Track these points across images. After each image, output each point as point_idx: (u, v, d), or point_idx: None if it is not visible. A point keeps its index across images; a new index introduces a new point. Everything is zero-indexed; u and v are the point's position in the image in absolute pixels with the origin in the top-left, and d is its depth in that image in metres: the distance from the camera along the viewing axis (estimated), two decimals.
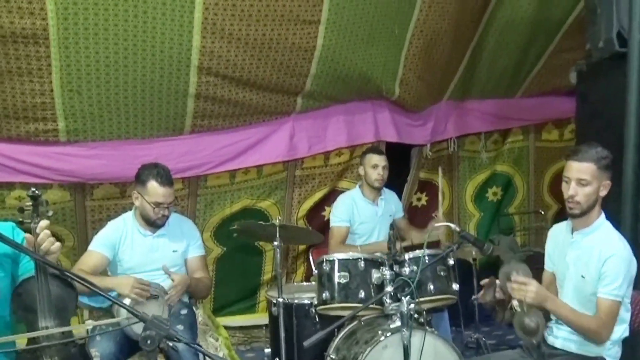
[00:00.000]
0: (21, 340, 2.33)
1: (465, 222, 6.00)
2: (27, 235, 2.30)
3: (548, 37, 5.37)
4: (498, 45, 5.31)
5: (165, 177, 3.55)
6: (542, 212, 5.88)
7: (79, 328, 2.23)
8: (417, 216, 5.74)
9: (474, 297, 4.09)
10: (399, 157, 5.47)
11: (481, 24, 5.14)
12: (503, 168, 6.15)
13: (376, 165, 4.52)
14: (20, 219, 2.39)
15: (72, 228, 4.47)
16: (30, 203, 2.38)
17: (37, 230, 2.27)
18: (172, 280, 3.47)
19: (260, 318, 5.18)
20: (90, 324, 2.27)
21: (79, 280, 2.04)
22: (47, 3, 3.51)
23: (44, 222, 2.31)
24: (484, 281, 2.87)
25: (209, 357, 1.98)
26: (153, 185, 3.51)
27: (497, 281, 2.79)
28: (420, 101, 5.29)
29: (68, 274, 2.13)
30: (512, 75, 5.68)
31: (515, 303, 2.71)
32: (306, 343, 2.51)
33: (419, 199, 5.91)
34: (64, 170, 4.22)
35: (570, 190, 2.77)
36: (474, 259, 4.66)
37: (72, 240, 4.49)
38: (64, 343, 2.21)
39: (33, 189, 2.47)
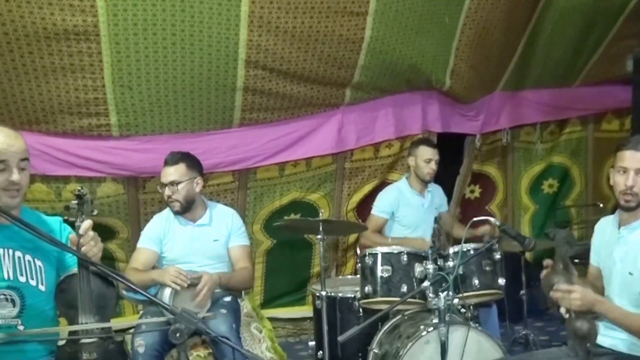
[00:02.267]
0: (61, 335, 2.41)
1: (520, 215, 5.88)
2: (72, 235, 2.34)
3: (608, 23, 5.20)
4: (554, 33, 5.16)
5: (168, 157, 3.64)
6: (601, 205, 5.69)
7: (118, 326, 2.28)
8: (470, 208, 5.66)
9: (522, 292, 4.01)
10: (452, 148, 5.41)
11: (536, 12, 5.00)
12: (560, 159, 6.00)
13: (429, 160, 4.47)
14: (66, 217, 2.45)
15: (125, 220, 4.57)
16: (76, 202, 2.42)
17: (81, 231, 2.31)
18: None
19: (309, 310, 5.18)
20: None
21: (120, 279, 2.10)
22: (97, 0, 3.59)
23: (87, 223, 2.34)
24: (547, 261, 2.77)
25: (237, 350, 1.99)
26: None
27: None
28: (472, 92, 5.20)
29: (109, 273, 2.18)
30: (569, 64, 5.52)
31: (563, 310, 2.63)
32: (341, 338, 2.51)
33: (472, 191, 5.82)
34: (117, 163, 4.32)
35: (630, 180, 2.65)
36: (522, 252, 4.54)
37: (126, 232, 4.60)
38: (102, 339, 2.26)
39: (79, 188, 2.52)
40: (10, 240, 2.37)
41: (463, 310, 3.43)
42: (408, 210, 4.51)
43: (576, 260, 3.47)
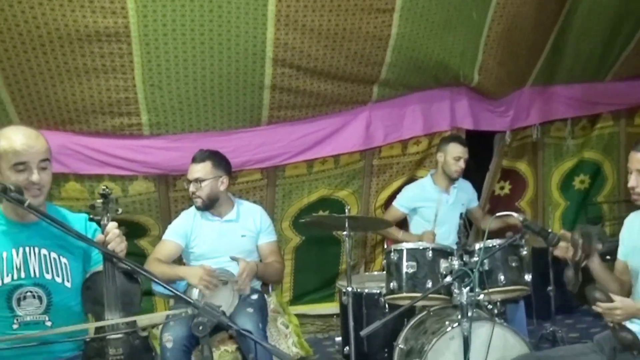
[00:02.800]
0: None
1: (551, 211, 5.82)
2: (99, 235, 2.40)
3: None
4: (585, 27, 5.12)
5: (196, 155, 3.75)
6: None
7: (143, 319, 2.33)
8: (500, 205, 5.63)
9: (549, 288, 3.99)
10: (480, 144, 5.39)
11: (566, 6, 4.97)
12: (591, 155, 5.94)
13: (459, 158, 4.47)
14: (91, 216, 2.50)
15: (157, 218, 4.65)
16: (101, 201, 2.48)
17: (105, 232, 2.37)
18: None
19: (337, 307, 5.21)
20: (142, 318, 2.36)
21: (147, 275, 2.14)
22: (127, 2, 3.67)
23: (112, 225, 2.40)
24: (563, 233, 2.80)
25: (259, 344, 2.03)
26: None
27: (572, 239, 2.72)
28: (501, 87, 5.17)
29: (138, 269, 2.23)
30: (601, 59, 5.46)
31: (607, 320, 2.65)
32: (363, 332, 2.54)
33: (502, 188, 5.79)
34: (148, 162, 4.41)
35: (632, 181, 2.73)
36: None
37: (157, 229, 4.67)
38: (127, 334, 2.31)
39: (104, 187, 2.58)
40: (35, 238, 2.43)
41: (490, 306, 3.43)
42: (429, 204, 4.51)
43: (607, 257, 3.45)
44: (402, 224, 4.72)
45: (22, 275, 2.38)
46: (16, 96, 3.94)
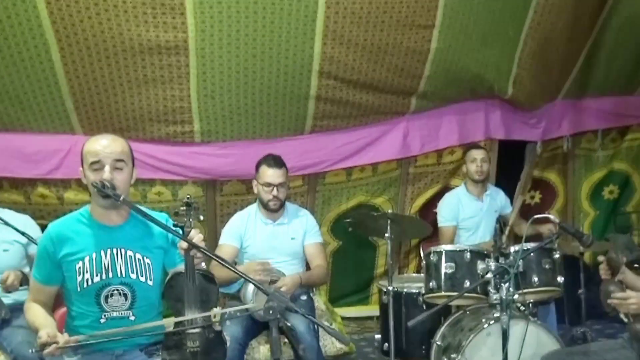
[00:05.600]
0: (169, 324, 2.65)
1: (580, 221, 5.97)
2: (181, 242, 2.53)
3: None
4: (617, 41, 5.28)
5: (273, 160, 3.88)
6: None
7: (211, 314, 2.50)
8: (531, 214, 5.72)
9: (580, 291, 4.16)
10: (513, 155, 5.56)
11: (599, 22, 5.14)
12: (621, 166, 6.07)
13: (474, 159, 4.65)
14: (175, 222, 2.64)
15: (203, 221, 4.85)
16: (184, 208, 2.64)
17: (190, 236, 2.52)
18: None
19: (372, 310, 5.41)
20: (218, 311, 2.54)
21: (227, 265, 2.35)
22: (187, 18, 3.95)
23: (196, 230, 2.57)
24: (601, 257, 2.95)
25: (324, 329, 2.25)
26: (263, 168, 3.87)
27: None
28: (534, 100, 5.35)
29: (220, 261, 2.38)
30: (632, 72, 5.60)
31: (622, 315, 2.81)
32: (410, 323, 2.74)
33: (532, 197, 5.95)
34: (198, 167, 4.68)
35: None
36: (581, 254, 4.70)
37: (203, 232, 4.90)
38: (204, 328, 2.51)
39: (188, 195, 2.78)
40: (121, 240, 2.63)
41: (522, 308, 3.61)
42: (467, 214, 4.68)
43: (636, 265, 3.62)
44: None
45: (110, 275, 2.59)
46: (79, 105, 4.25)
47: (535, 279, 3.49)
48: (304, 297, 3.84)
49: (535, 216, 3.15)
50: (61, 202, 4.53)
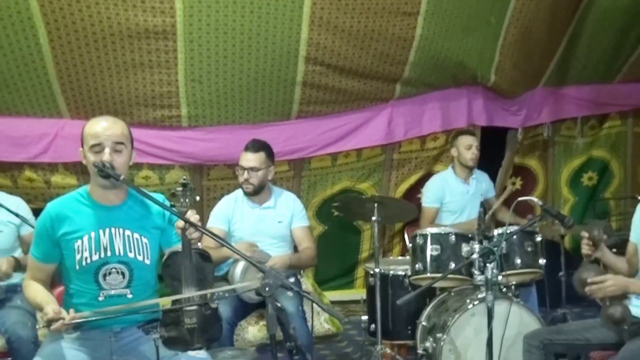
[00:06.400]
0: (166, 302, 2.71)
1: (560, 207, 6.09)
2: (178, 222, 2.56)
3: None
4: (596, 31, 5.38)
5: (251, 144, 3.89)
6: (639, 197, 5.88)
7: (207, 293, 2.55)
8: (511, 200, 5.85)
9: (560, 273, 4.27)
10: (494, 141, 5.65)
11: (579, 11, 5.24)
12: (599, 153, 6.20)
13: (470, 146, 4.68)
14: (172, 203, 2.70)
15: (198, 202, 4.91)
16: (181, 189, 2.70)
17: (187, 216, 2.55)
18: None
19: (357, 293, 5.48)
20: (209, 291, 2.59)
21: (222, 242, 2.42)
22: (176, 3, 3.99)
23: (192, 211, 2.61)
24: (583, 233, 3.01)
25: (316, 303, 2.31)
26: (242, 152, 3.91)
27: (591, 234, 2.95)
28: (515, 87, 5.46)
29: (215, 238, 2.42)
30: (610, 61, 5.73)
31: (598, 300, 2.88)
32: (399, 301, 2.82)
33: (513, 183, 6.05)
34: (185, 152, 4.72)
35: None
36: (562, 237, 4.83)
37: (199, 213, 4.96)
38: (200, 306, 2.57)
39: (184, 177, 2.82)
40: (120, 220, 2.66)
41: (504, 289, 3.70)
42: (454, 197, 4.73)
43: (614, 250, 3.73)
44: None
45: (109, 253, 2.62)
46: (67, 88, 4.27)
47: (518, 260, 3.59)
48: (292, 280, 3.87)
49: (520, 198, 3.22)
50: (48, 186, 4.55)
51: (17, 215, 3.53)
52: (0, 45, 3.94)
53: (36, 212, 3.24)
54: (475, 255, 3.26)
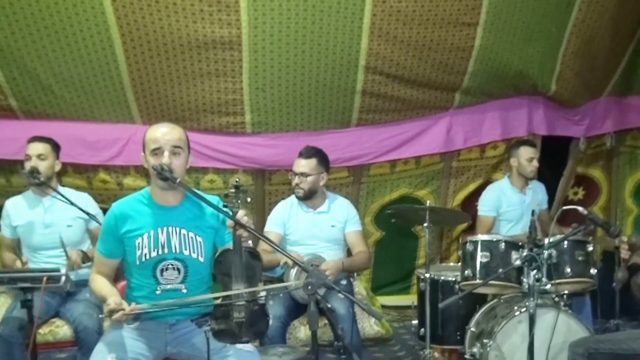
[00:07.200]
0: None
1: (624, 218, 6.00)
2: (229, 221, 2.70)
3: None
4: None
5: (305, 150, 4.09)
6: None
7: (257, 290, 2.69)
8: (572, 210, 5.83)
9: (613, 284, 4.23)
10: (556, 150, 5.62)
11: None
12: None
13: (532, 158, 4.69)
14: (225, 204, 2.80)
15: (252, 209, 5.12)
16: (234, 191, 2.79)
17: (237, 216, 2.68)
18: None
19: (413, 299, 5.47)
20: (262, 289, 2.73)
21: (268, 242, 2.58)
22: (241, 15, 4.19)
23: (242, 212, 2.73)
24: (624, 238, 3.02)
25: (356, 302, 2.44)
26: (296, 158, 4.09)
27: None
28: (577, 97, 5.41)
29: (263, 238, 2.63)
30: None
31: None
32: (441, 305, 2.90)
33: (575, 193, 6.00)
34: (249, 157, 4.91)
35: None
36: (616, 248, 4.75)
37: (252, 216, 5.15)
38: (249, 301, 2.70)
39: (237, 179, 3.00)
40: (177, 220, 2.86)
41: (556, 298, 3.71)
42: (511, 206, 4.74)
43: None
44: None
45: (166, 251, 2.83)
46: (139, 95, 4.53)
47: (568, 269, 3.59)
48: (343, 282, 4.03)
49: (564, 207, 3.24)
50: (120, 188, 4.83)
51: (86, 212, 3.80)
52: (79, 55, 4.24)
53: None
54: (518, 262, 3.29)
